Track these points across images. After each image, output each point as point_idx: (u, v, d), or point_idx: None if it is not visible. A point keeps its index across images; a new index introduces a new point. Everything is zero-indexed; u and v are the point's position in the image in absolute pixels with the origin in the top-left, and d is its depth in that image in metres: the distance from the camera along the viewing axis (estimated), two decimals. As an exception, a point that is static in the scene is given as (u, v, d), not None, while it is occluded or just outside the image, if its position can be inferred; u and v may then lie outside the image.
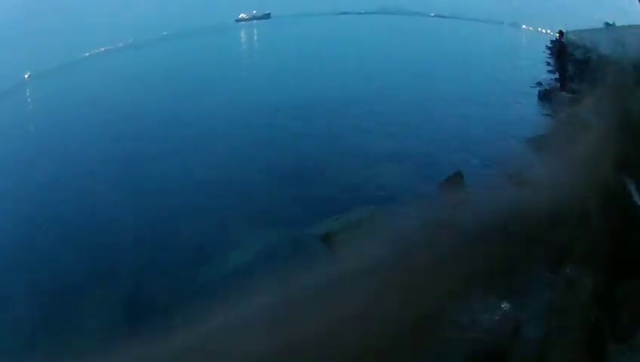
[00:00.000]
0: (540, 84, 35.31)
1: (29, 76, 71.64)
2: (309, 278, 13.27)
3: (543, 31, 60.90)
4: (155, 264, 15.99)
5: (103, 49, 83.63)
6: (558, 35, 35.16)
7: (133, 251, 16.90)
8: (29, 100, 61.59)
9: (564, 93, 29.94)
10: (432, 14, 78.36)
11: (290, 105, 33.77)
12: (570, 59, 36.34)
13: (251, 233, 16.70)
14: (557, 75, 36.04)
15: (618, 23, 48.25)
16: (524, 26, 65.90)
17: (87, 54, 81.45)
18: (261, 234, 16.45)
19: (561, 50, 34.15)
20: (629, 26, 31.15)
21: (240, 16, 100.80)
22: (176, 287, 14.23)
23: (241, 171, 22.59)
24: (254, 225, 17.41)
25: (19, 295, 14.93)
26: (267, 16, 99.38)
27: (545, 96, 31.55)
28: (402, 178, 19.71)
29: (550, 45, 49.39)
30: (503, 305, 10.60)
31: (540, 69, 41.08)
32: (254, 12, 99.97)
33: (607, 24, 51.88)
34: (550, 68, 41.83)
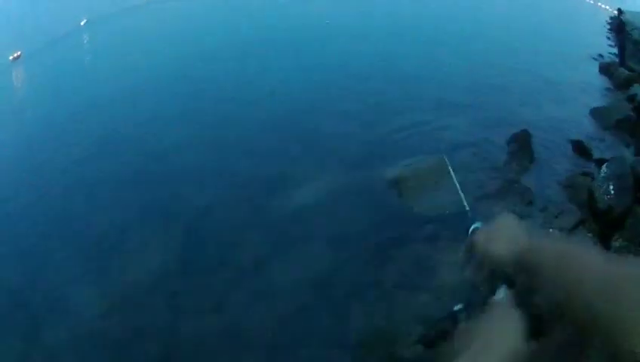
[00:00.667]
0: (601, 56, 35.20)
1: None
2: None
3: (603, 6, 59.99)
4: (217, 201, 16.64)
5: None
6: (617, 12, 35.12)
7: (197, 187, 17.64)
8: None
9: (622, 68, 30.24)
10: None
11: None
12: (628, 37, 36.37)
13: (320, 173, 17.43)
14: (616, 51, 36.13)
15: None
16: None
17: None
18: (330, 175, 17.20)
19: (620, 26, 34.20)
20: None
21: None
22: (237, 225, 15.14)
23: (311, 111, 23.32)
24: (324, 165, 18.15)
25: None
26: None
27: (605, 69, 31.12)
28: (470, 128, 20.40)
29: (610, 21, 48.96)
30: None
31: (600, 42, 40.70)
32: None
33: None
34: (610, 42, 41.60)
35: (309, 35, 40.78)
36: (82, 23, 70.91)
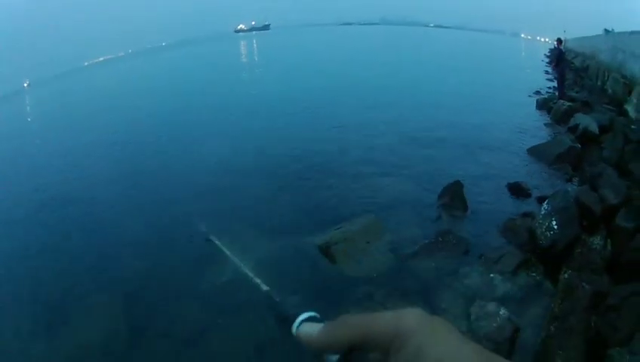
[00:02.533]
0: (538, 92, 35.54)
1: (28, 84, 72.57)
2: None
3: (542, 40, 61.62)
4: (155, 272, 15.82)
5: (102, 58, 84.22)
6: (556, 42, 35.37)
7: (135, 254, 16.92)
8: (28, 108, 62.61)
9: (562, 101, 30.19)
10: (432, 25, 78.72)
11: (288, 113, 34.11)
12: (569, 66, 36.61)
13: (250, 240, 16.21)
14: (555, 84, 36.34)
15: (617, 30, 48.41)
16: (523, 35, 66.63)
17: (86, 63, 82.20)
18: (260, 242, 16.16)
19: (559, 57, 34.39)
20: (630, 33, 31.21)
21: (238, 27, 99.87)
22: (175, 293, 14.33)
23: (240, 178, 22.82)
24: (253, 232, 17.22)
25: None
26: (266, 27, 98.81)
27: (543, 105, 31.71)
28: (401, 186, 19.89)
29: (549, 53, 49.61)
30: (501, 312, 10.70)
31: (538, 78, 41.44)
32: (253, 23, 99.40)
33: (606, 31, 51.66)
34: (549, 76, 42.10)
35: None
36: (25, 85, 72.18)
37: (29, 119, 49.62)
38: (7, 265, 17.83)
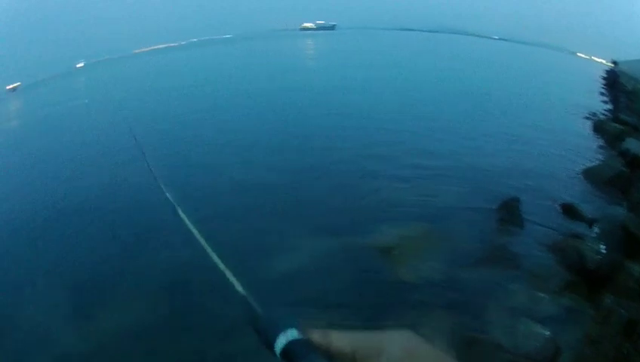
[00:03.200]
0: (593, 114, 35.18)
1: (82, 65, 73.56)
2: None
3: (598, 60, 60.30)
4: (202, 263, 16.43)
5: (163, 45, 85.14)
6: (611, 64, 35.16)
7: (181, 245, 17.56)
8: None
9: (615, 124, 30.19)
10: (496, 37, 77.68)
11: (349, 117, 34.44)
12: (622, 90, 36.33)
13: (309, 239, 17.38)
14: (610, 106, 36.13)
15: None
16: (579, 54, 65.19)
17: (146, 49, 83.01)
18: (318, 241, 17.20)
19: (613, 80, 34.26)
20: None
21: (304, 25, 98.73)
22: (221, 287, 14.93)
23: (299, 179, 23.34)
24: (311, 231, 18.15)
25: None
26: (333, 27, 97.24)
27: (597, 127, 31.31)
28: (460, 195, 20.30)
29: (604, 75, 49.12)
30: (545, 332, 11.23)
31: (593, 99, 40.85)
32: (320, 22, 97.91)
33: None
34: (603, 98, 41.67)
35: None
36: (79, 66, 73.14)
37: (86, 100, 50.14)
38: (52, 249, 19.15)
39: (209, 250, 2.39)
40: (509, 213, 17.91)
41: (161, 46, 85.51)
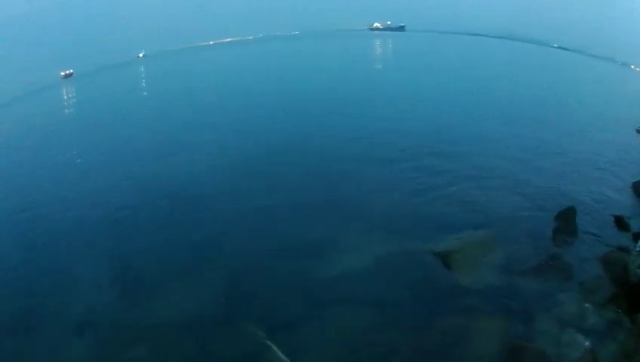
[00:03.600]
0: None
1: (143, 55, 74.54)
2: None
3: (643, 70, 59.42)
4: (264, 257, 17.75)
5: (229, 39, 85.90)
6: None
7: (246, 242, 18.92)
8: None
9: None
10: (555, 45, 77.29)
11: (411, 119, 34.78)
12: None
13: (368, 240, 18.31)
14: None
15: None
16: (632, 67, 64.74)
17: (211, 42, 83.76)
18: (381, 244, 18.03)
19: None
20: None
21: (374, 25, 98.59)
22: (281, 282, 16.15)
23: (363, 179, 24.04)
24: (372, 232, 19.00)
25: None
26: (402, 28, 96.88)
27: None
28: (518, 205, 20.77)
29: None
30: (586, 343, 11.91)
31: None
32: (389, 22, 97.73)
33: None
34: None
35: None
36: (140, 55, 74.23)
37: (144, 93, 50.91)
38: (110, 235, 20.54)
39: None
40: (565, 222, 18.60)
41: (226, 40, 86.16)
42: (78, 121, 43.78)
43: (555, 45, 75.94)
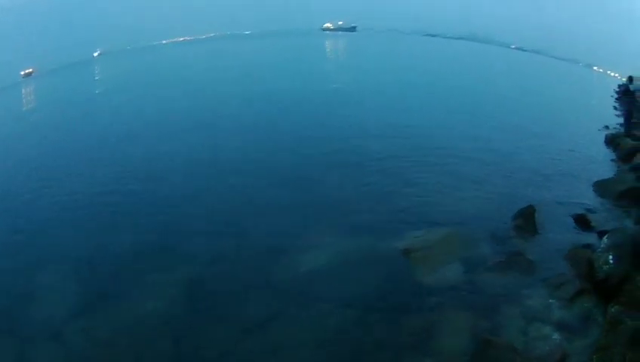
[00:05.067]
0: (606, 127, 35.38)
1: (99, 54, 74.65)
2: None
3: (612, 74, 60.70)
4: (228, 257, 17.24)
5: (182, 39, 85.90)
6: (626, 80, 35.28)
7: (206, 239, 18.44)
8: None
9: (628, 139, 30.73)
10: (513, 46, 78.38)
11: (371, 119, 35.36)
12: (635, 105, 36.53)
13: (332, 238, 18.00)
14: (623, 120, 36.36)
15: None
16: (595, 68, 65.63)
17: (164, 42, 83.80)
18: (343, 240, 17.84)
19: (626, 94, 34.49)
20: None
21: (325, 25, 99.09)
22: (247, 282, 15.60)
23: (326, 178, 23.95)
24: (336, 230, 18.71)
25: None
26: (353, 28, 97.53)
27: (610, 141, 31.71)
28: (478, 204, 20.82)
29: (618, 90, 49.23)
30: (554, 336, 11.80)
31: (607, 112, 41.13)
32: (340, 23, 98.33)
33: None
34: (617, 112, 41.83)
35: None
36: (96, 54, 74.32)
37: (101, 90, 51.04)
38: (77, 235, 19.79)
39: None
40: (526, 220, 18.54)
41: (179, 39, 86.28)
42: (35, 119, 43.38)
43: (513, 46, 77.03)
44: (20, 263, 18.13)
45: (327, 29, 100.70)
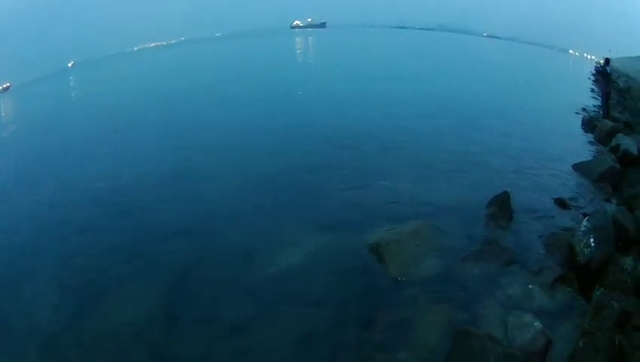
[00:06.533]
0: (584, 110, 35.53)
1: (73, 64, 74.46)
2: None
3: (589, 57, 61.03)
4: (201, 260, 16.70)
5: (153, 44, 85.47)
6: (603, 62, 35.38)
7: (180, 242, 17.82)
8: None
9: (606, 120, 30.54)
10: (485, 34, 78.59)
11: (344, 116, 35.11)
12: (613, 86, 36.54)
13: (301, 235, 17.53)
14: (600, 103, 36.39)
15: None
16: (571, 51, 65.84)
17: (136, 48, 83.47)
18: (311, 237, 17.31)
19: (603, 77, 34.54)
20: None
21: (294, 23, 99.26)
22: (221, 285, 15.05)
23: (295, 176, 23.52)
24: (304, 227, 18.25)
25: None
26: (323, 25, 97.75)
27: (588, 123, 31.85)
28: (450, 194, 20.32)
29: (594, 72, 49.52)
30: (536, 324, 11.29)
31: (584, 95, 41.42)
32: (309, 20, 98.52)
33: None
34: (594, 94, 42.04)
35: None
36: (70, 65, 74.13)
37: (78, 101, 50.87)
38: (49, 243, 19.06)
39: None
40: (499, 208, 17.96)
41: (150, 45, 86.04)
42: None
43: (485, 34, 77.21)
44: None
45: (297, 26, 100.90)
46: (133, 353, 12.53)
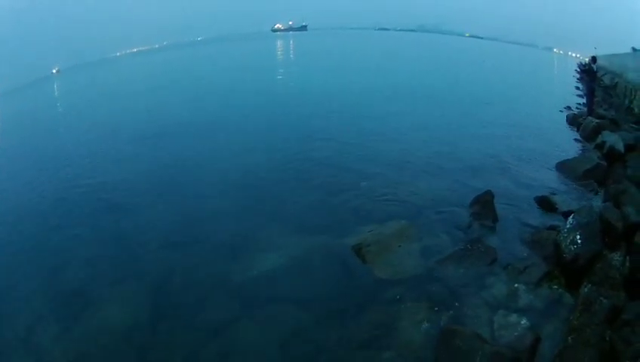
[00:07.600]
0: (568, 108, 35.66)
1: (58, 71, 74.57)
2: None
3: (573, 55, 61.45)
4: (185, 263, 16.43)
5: (135, 49, 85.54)
6: (589, 60, 35.41)
7: (164, 245, 17.60)
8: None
9: (591, 117, 30.43)
10: (467, 34, 79.11)
11: (325, 112, 34.78)
12: (598, 83, 36.63)
13: (283, 238, 17.30)
14: (585, 100, 36.46)
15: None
16: (555, 50, 66.40)
17: (118, 54, 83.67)
18: (293, 240, 17.09)
19: (589, 74, 34.57)
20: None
21: (275, 27, 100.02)
22: (205, 287, 14.85)
23: (277, 179, 23.30)
24: (286, 230, 18.02)
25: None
26: (304, 27, 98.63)
27: (572, 121, 31.93)
28: (433, 192, 20.22)
29: (579, 70, 49.70)
30: (523, 322, 11.11)
31: (569, 93, 41.60)
32: (290, 23, 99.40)
33: (634, 49, 51.30)
34: (579, 92, 42.18)
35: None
36: (54, 71, 74.27)
37: (64, 108, 50.72)
38: (35, 249, 18.64)
39: None
40: (483, 207, 17.83)
41: (133, 50, 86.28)
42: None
43: (468, 34, 77.67)
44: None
45: (278, 29, 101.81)
46: (119, 357, 12.42)
